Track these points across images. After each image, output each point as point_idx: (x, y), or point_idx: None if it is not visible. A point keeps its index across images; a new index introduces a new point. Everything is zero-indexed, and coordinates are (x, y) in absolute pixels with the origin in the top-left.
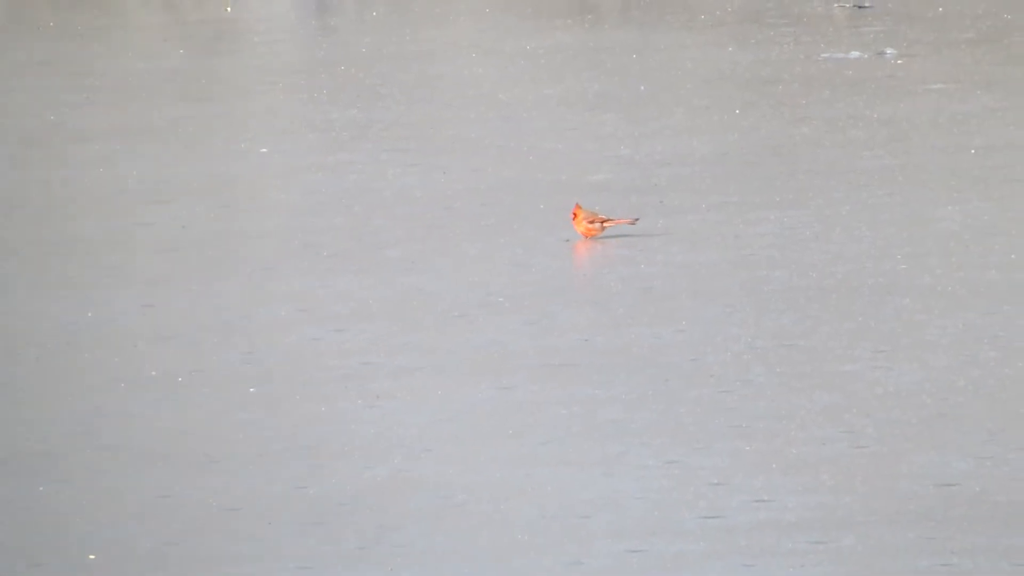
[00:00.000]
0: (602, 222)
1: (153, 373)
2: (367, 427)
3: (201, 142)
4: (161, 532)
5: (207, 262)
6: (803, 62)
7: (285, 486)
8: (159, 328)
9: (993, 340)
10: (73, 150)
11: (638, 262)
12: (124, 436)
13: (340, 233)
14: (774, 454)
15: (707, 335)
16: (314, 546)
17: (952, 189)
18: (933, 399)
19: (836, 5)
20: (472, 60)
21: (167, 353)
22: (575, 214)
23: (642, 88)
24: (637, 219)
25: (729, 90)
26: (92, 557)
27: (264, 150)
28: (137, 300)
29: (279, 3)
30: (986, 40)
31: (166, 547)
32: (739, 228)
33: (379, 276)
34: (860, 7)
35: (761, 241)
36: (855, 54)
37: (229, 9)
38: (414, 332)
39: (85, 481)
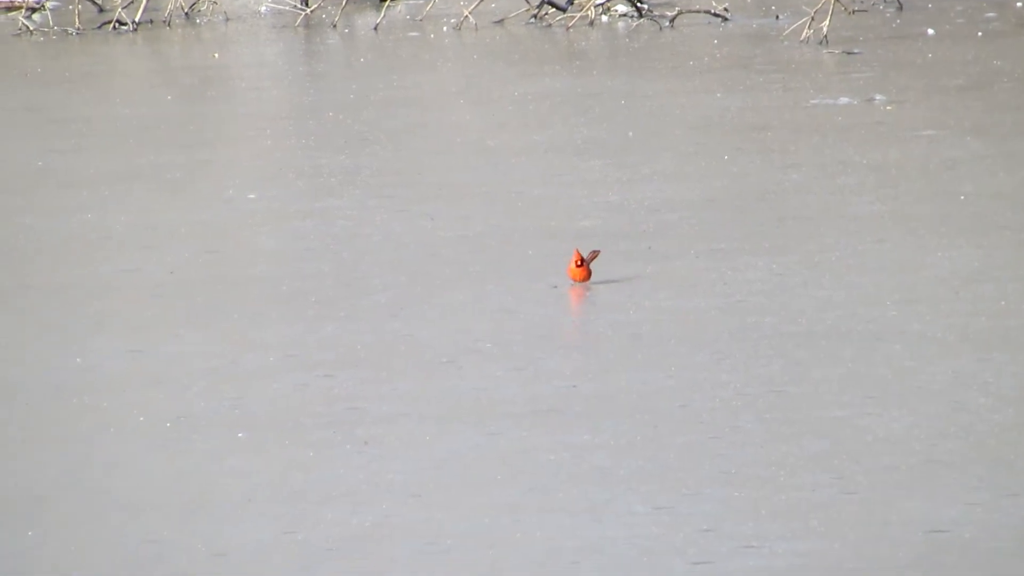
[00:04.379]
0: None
1: (141, 419)
2: (355, 473)
3: (188, 188)
4: None
5: (194, 308)
6: (792, 108)
7: (273, 532)
8: (146, 374)
9: (983, 387)
10: (60, 196)
11: (626, 308)
12: (112, 482)
13: (327, 279)
14: (763, 500)
15: (696, 381)
16: None
17: (942, 236)
18: (923, 446)
19: (825, 51)
20: (459, 106)
21: (154, 399)
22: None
23: (630, 134)
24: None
25: (718, 136)
26: None
27: (252, 196)
28: (124, 346)
29: (266, 49)
30: (975, 86)
31: None
32: (728, 274)
33: (366, 322)
34: (849, 53)
35: (750, 287)
36: (844, 100)
37: (216, 55)
38: (401, 378)
39: (73, 528)
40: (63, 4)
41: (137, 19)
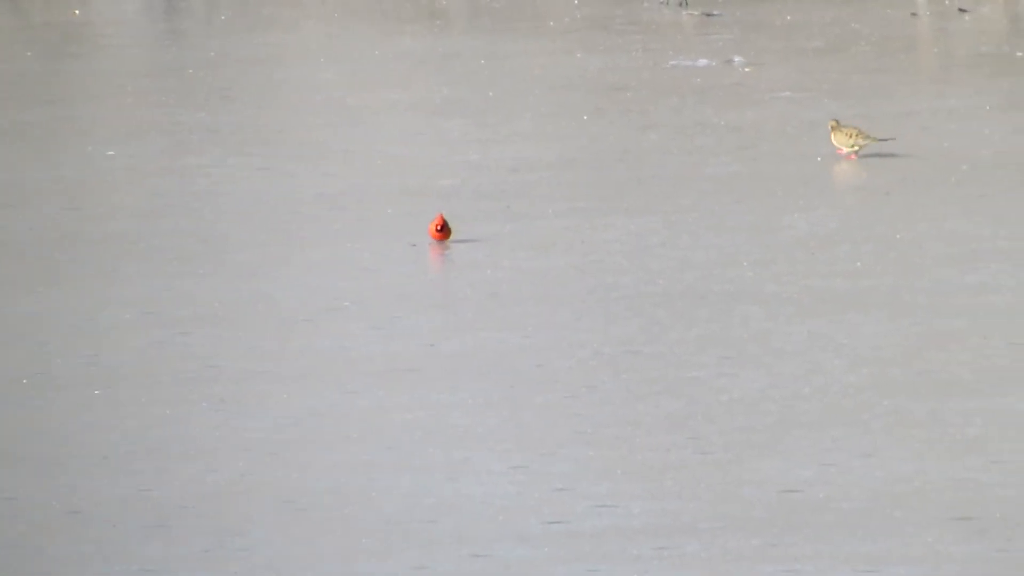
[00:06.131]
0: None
1: None
2: (211, 430)
3: (48, 145)
4: (5, 534)
5: (53, 265)
6: (651, 69)
7: (129, 489)
8: (3, 331)
9: (838, 348)
10: None
11: (485, 267)
12: None
13: (186, 237)
14: (619, 460)
15: (554, 341)
16: (158, 549)
17: (799, 197)
18: (778, 406)
19: (685, 13)
20: (320, 65)
21: (11, 356)
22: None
23: (490, 94)
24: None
25: (577, 97)
26: None
27: (111, 153)
28: None
29: (127, 6)
30: (834, 49)
31: (10, 549)
32: (586, 234)
33: (225, 280)
34: (709, 15)
35: (608, 247)
36: (703, 62)
37: (77, 12)
38: (259, 336)
39: None
40: None
41: None
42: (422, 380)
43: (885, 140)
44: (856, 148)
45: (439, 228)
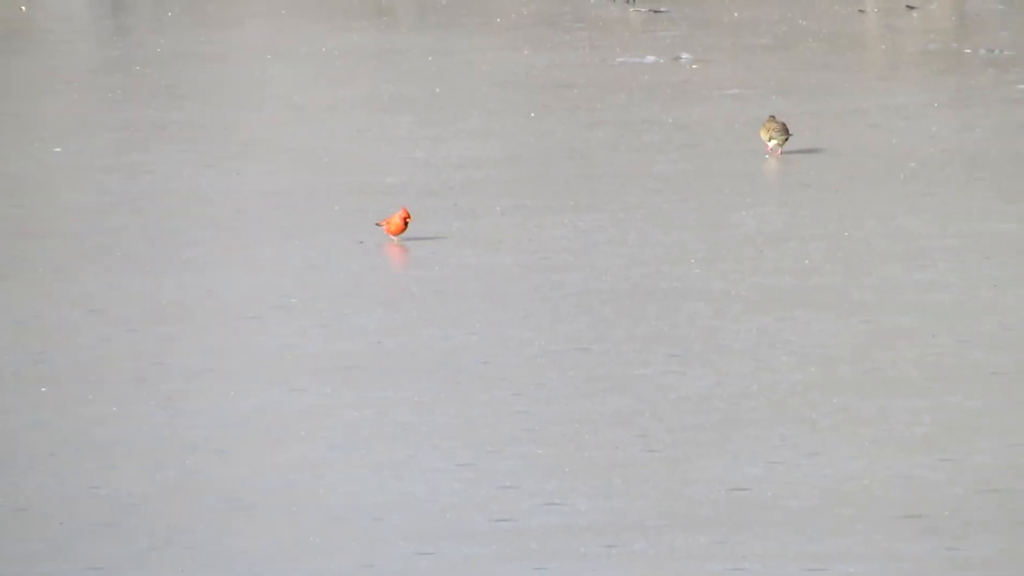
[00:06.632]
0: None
1: None
2: (158, 428)
3: None
4: None
5: None
6: (599, 66)
7: (76, 486)
8: None
9: (786, 345)
10: None
11: (431, 264)
12: None
13: (133, 234)
14: (566, 458)
15: (500, 338)
16: (105, 546)
17: (746, 194)
18: (726, 404)
19: (632, 10)
20: (267, 62)
21: None
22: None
23: (437, 91)
24: None
25: (524, 94)
26: None
27: (57, 150)
28: None
29: (74, 2)
30: (781, 46)
31: None
32: (533, 232)
33: (171, 277)
34: (656, 12)
35: (555, 245)
36: (651, 59)
37: (24, 8)
38: (206, 334)
39: None
40: None
41: None
42: (368, 377)
43: (789, 136)
44: (775, 142)
45: (406, 220)
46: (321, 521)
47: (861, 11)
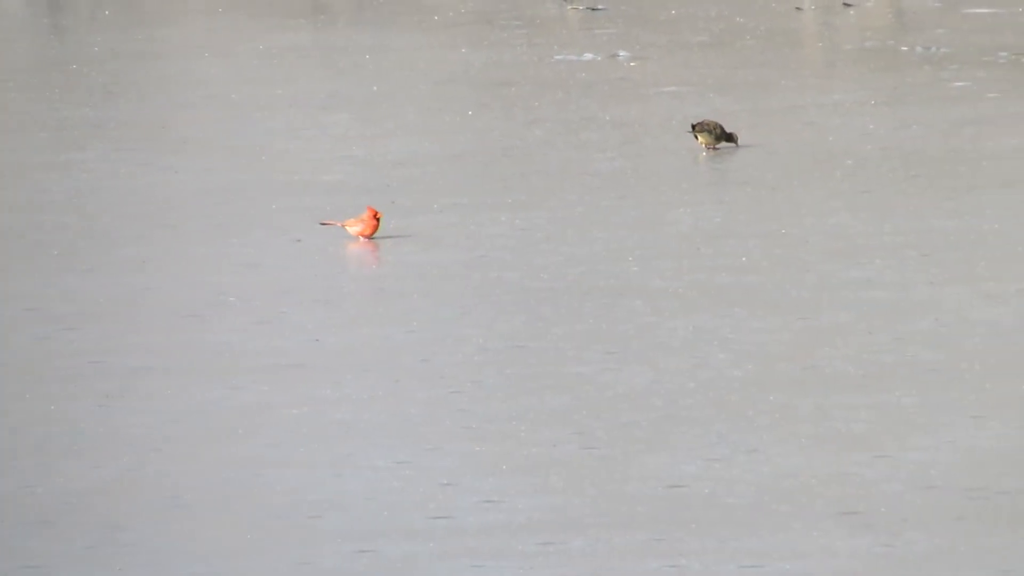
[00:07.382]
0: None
1: None
2: (96, 427)
3: None
4: None
5: None
6: (536, 64)
7: (12, 485)
8: None
9: (723, 342)
10: None
11: (369, 262)
12: None
13: (70, 232)
14: (504, 455)
15: (438, 336)
16: (42, 545)
17: (684, 192)
18: (663, 401)
19: (569, 7)
20: (204, 60)
21: None
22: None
23: (375, 88)
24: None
25: (462, 91)
26: None
27: None
28: None
29: (10, 1)
30: (718, 43)
31: None
32: (471, 229)
33: (109, 275)
34: (593, 9)
35: (493, 242)
36: (588, 56)
37: None
38: (144, 332)
39: None
40: None
41: None
42: (307, 375)
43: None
44: (704, 142)
45: (377, 217)
46: (259, 519)
47: (798, 9)
